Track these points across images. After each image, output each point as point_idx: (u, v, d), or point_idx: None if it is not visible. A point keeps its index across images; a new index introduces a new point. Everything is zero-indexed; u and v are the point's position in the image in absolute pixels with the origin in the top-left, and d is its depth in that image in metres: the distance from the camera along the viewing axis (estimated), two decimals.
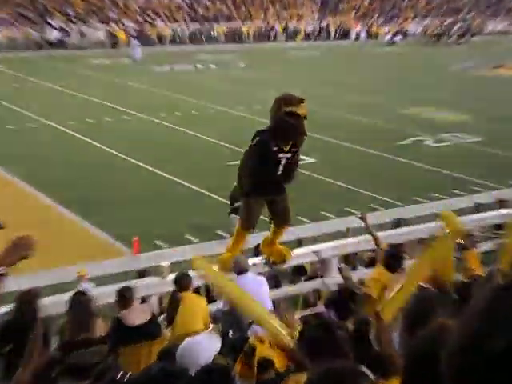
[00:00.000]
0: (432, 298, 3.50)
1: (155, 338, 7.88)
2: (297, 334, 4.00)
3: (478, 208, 16.66)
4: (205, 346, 5.21)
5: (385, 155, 24.93)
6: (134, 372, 5.11)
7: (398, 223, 15.10)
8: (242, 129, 28.64)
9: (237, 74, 44.81)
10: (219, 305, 9.53)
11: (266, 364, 4.95)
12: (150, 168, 22.80)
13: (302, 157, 27.06)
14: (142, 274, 11.97)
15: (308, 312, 8.86)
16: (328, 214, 18.50)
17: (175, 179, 21.61)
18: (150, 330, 7.92)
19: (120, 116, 30.93)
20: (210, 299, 10.92)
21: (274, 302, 9.46)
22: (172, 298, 8.72)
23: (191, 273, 8.67)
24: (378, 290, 9.09)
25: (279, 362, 4.98)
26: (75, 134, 27.37)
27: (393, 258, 9.13)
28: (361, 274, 10.39)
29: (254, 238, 16.47)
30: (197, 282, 9.91)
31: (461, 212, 16.52)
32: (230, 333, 9.11)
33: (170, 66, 47.64)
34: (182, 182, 21.29)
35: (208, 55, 53.68)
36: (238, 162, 8.77)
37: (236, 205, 16.81)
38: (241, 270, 8.95)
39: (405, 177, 22.30)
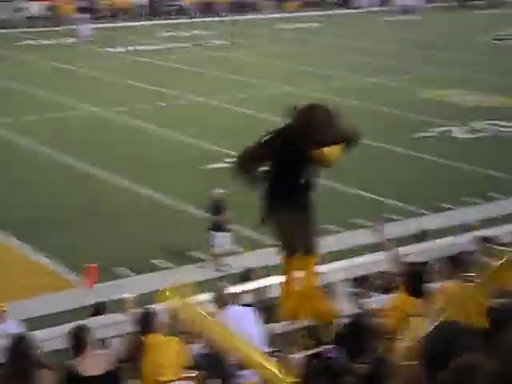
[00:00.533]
0: (455, 331, 3.51)
1: None
2: (297, 379, 4.01)
3: None
4: None
5: (401, 150, 24.99)
6: None
7: (421, 236, 15.14)
8: (224, 124, 28.72)
9: (214, 55, 44.89)
10: (197, 347, 9.52)
11: None
12: (105, 175, 22.76)
13: None
14: (99, 309, 11.93)
15: (311, 351, 8.85)
16: (331, 227, 18.51)
17: (139, 189, 21.57)
18: (108, 383, 7.88)
19: (67, 111, 30.89)
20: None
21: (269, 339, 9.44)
22: (133, 343, 8.68)
23: (159, 306, 8.65)
24: (399, 320, 9.11)
25: None
26: (11, 136, 27.31)
27: (417, 280, 9.13)
28: (377, 301, 10.39)
29: (241, 260, 16.54)
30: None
31: (497, 221, 16.64)
32: (213, 381, 9.11)
33: (127, 46, 47.67)
34: (148, 193, 21.25)
35: (176, 32, 53.77)
36: (222, 165, 8.77)
37: (217, 219, 16.83)
38: (223, 303, 8.95)
39: (428, 177, 22.36)
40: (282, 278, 8.72)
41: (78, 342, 8.02)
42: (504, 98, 32.36)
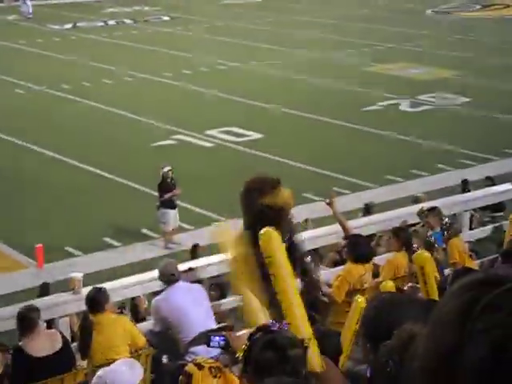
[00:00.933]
0: (396, 302, 3.53)
1: (67, 372, 7.85)
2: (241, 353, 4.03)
3: (466, 186, 17.00)
4: (121, 378, 5.21)
5: (348, 125, 25.14)
6: None
7: (366, 209, 15.30)
8: (172, 101, 28.60)
9: (161, 31, 44.60)
10: (149, 325, 9.53)
11: None
12: (55, 154, 22.56)
13: (244, 132, 26.99)
14: (47, 289, 11.87)
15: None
16: None
17: (87, 167, 21.43)
18: (60, 362, 7.87)
19: (12, 89, 30.50)
20: (139, 318, 10.91)
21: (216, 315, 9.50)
22: (83, 321, 8.67)
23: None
24: (346, 291, 9.28)
25: None
26: None
27: (360, 248, 9.37)
28: (326, 274, 10.51)
29: (191, 237, 16.55)
30: (119, 298, 9.89)
31: (447, 192, 16.87)
32: (165, 358, 9.14)
33: (71, 23, 47.11)
34: (99, 172, 21.13)
35: (121, 8, 53.27)
36: (168, 143, 8.72)
37: (167, 196, 16.81)
38: (170, 279, 8.95)
39: (375, 151, 22.52)
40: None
41: (27, 322, 7.99)
42: (450, 71, 32.64)
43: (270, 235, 5.39)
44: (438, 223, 10.78)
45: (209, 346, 5.45)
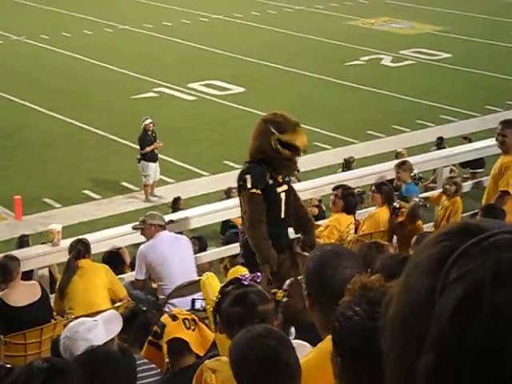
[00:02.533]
0: (337, 254, 3.52)
1: (45, 323, 7.87)
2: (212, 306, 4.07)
3: (441, 143, 17.04)
4: (94, 331, 5.11)
5: (330, 79, 25.07)
6: (21, 364, 5.10)
7: (347, 164, 15.35)
8: (153, 53, 28.36)
9: None
10: (130, 277, 9.56)
11: (178, 346, 5.01)
12: (33, 106, 22.40)
13: (226, 86, 26.86)
14: (25, 241, 11.86)
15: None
16: None
17: (68, 119, 21.31)
18: (39, 312, 7.90)
19: None
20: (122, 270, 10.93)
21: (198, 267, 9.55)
22: (66, 264, 8.72)
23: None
24: (335, 240, 9.40)
25: (197, 345, 5.04)
26: None
27: (349, 198, 9.61)
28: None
29: (172, 190, 16.56)
30: (103, 249, 9.90)
31: (427, 148, 16.92)
32: (143, 309, 9.18)
33: None
34: (79, 124, 21.00)
35: None
36: (148, 95, 8.68)
37: (148, 149, 16.74)
38: (156, 228, 8.98)
39: (356, 105, 22.50)
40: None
41: (7, 271, 8.01)
42: (432, 26, 32.53)
43: (208, 281, 5.41)
44: (409, 176, 10.89)
45: (193, 308, 5.50)
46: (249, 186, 8.01)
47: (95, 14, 34.22)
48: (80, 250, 8.62)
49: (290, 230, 8.75)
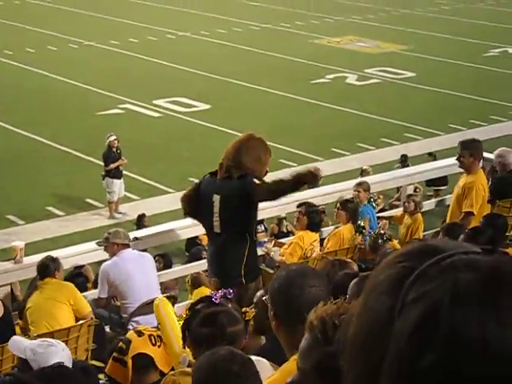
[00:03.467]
0: (304, 275, 3.51)
1: (7, 340, 7.77)
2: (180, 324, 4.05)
3: (405, 160, 17.17)
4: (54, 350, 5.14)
5: (296, 97, 25.17)
6: None
7: None
8: (119, 70, 28.30)
9: None
10: (93, 295, 9.49)
11: (144, 362, 4.99)
12: None
13: (192, 103, 26.84)
14: None
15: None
16: None
17: (30, 135, 21.17)
18: (1, 330, 7.81)
19: None
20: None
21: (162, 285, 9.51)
22: (29, 285, 8.64)
23: None
24: (297, 258, 9.42)
25: (162, 361, 5.03)
26: None
27: (314, 216, 9.61)
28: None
29: (135, 208, 16.49)
30: (66, 266, 9.82)
31: (391, 166, 17.03)
32: (107, 328, 9.12)
33: None
34: (42, 140, 20.87)
35: None
36: (113, 112, 8.68)
37: (113, 166, 16.68)
38: (119, 247, 8.91)
39: (321, 123, 22.59)
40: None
41: None
42: (397, 45, 32.80)
43: (161, 305, 5.42)
44: (367, 197, 10.93)
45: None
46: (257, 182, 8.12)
47: (60, 30, 34.10)
48: (47, 267, 8.51)
49: None
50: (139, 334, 5.10)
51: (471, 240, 6.79)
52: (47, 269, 8.52)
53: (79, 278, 11.01)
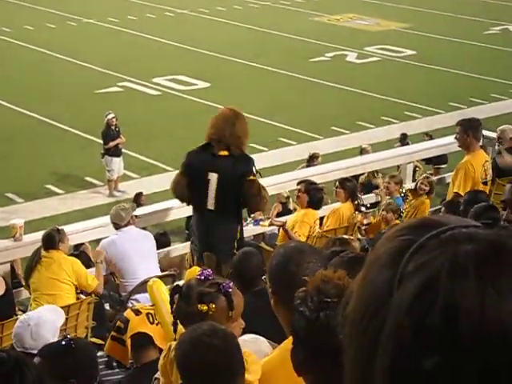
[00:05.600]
0: (301, 250, 3.51)
1: (8, 318, 7.80)
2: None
3: (404, 139, 17.15)
4: (44, 320, 5.24)
5: (295, 75, 25.11)
6: None
7: (311, 158, 15.39)
8: (118, 47, 28.23)
9: None
10: (93, 272, 9.51)
11: (142, 341, 5.01)
12: None
13: (191, 81, 26.78)
14: None
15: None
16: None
17: (31, 113, 21.14)
18: (1, 308, 7.84)
19: None
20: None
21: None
22: (32, 255, 8.65)
23: None
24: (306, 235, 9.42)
25: (161, 339, 5.04)
26: None
27: (316, 194, 9.60)
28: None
29: (135, 185, 16.49)
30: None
31: (391, 145, 17.02)
32: (107, 306, 9.15)
33: None
34: (41, 118, 20.85)
35: None
36: (112, 90, 8.70)
37: (111, 144, 16.67)
38: (120, 224, 8.91)
39: (321, 102, 22.56)
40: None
41: None
42: (397, 23, 32.70)
43: (155, 286, 5.43)
44: (397, 191, 10.79)
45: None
46: (255, 172, 8.18)
47: (58, 8, 33.96)
48: (51, 238, 8.51)
49: None
50: (137, 312, 5.11)
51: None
52: (52, 239, 8.50)
53: (80, 257, 11.04)
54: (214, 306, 3.69)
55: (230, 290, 3.78)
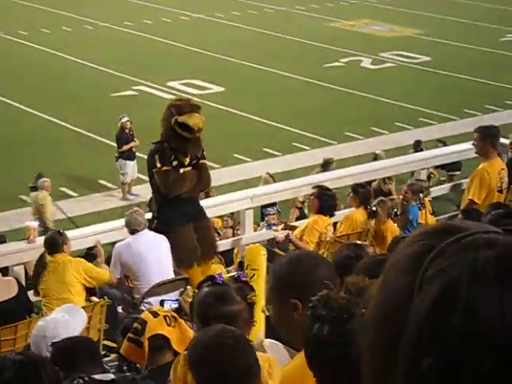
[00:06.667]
0: (312, 262, 3.45)
1: (23, 319, 7.82)
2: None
3: (417, 145, 17.09)
4: (63, 325, 5.22)
5: (310, 80, 25.10)
6: None
7: (325, 165, 15.35)
8: (133, 51, 28.30)
9: None
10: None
11: (160, 342, 5.00)
12: (12, 103, 22.28)
13: (206, 85, 26.79)
14: (2, 238, 11.79)
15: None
16: (242, 157, 18.60)
17: (46, 117, 21.20)
18: (15, 308, 7.85)
19: None
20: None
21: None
22: (37, 262, 8.65)
23: None
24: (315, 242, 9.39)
25: (177, 341, 5.03)
26: None
27: (326, 200, 9.53)
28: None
29: (148, 190, 16.50)
30: (79, 247, 9.85)
31: (405, 151, 16.98)
32: (120, 309, 9.15)
33: None
34: (56, 121, 20.91)
35: None
36: (127, 93, 8.83)
37: (125, 147, 16.71)
38: (136, 229, 8.91)
39: (335, 107, 22.55)
40: None
41: None
42: (412, 29, 32.66)
43: (258, 251, 5.47)
44: (414, 199, 10.67)
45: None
46: (158, 165, 8.81)
47: (75, 11, 34.08)
48: (55, 242, 8.51)
49: None
50: (154, 314, 5.10)
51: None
52: (55, 243, 8.50)
53: (91, 259, 11.05)
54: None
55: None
